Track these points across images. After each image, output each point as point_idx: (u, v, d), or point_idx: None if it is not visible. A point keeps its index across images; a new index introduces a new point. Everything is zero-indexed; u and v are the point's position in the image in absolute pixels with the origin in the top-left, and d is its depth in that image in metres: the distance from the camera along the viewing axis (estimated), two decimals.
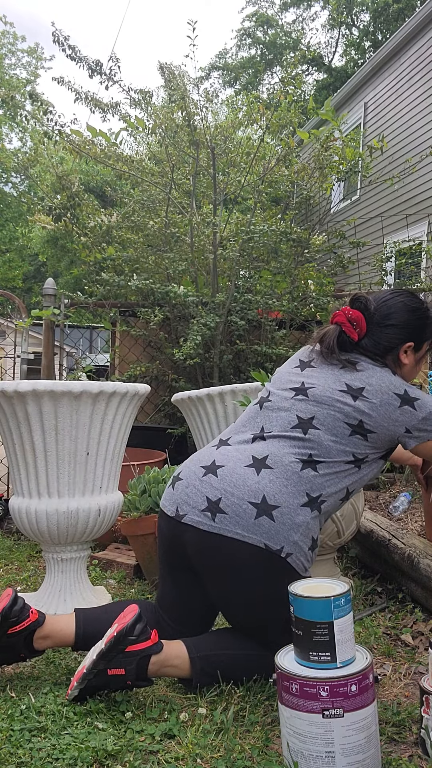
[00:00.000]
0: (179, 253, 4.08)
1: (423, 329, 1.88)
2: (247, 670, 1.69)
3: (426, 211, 9.27)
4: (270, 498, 1.62)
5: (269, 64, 23.26)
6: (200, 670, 1.65)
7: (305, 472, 1.67)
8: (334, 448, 1.70)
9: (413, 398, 1.77)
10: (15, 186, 21.93)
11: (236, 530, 1.61)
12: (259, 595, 1.64)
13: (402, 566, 2.28)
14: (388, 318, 1.85)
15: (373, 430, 1.73)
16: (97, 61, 4.08)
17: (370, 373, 1.78)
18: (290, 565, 1.62)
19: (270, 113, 4.08)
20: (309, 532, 1.66)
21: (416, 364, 1.91)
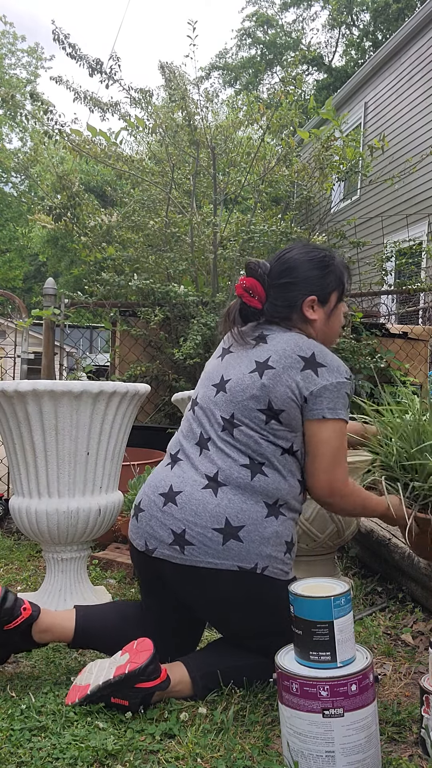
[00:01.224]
0: (179, 252, 4.08)
1: (323, 278, 1.72)
2: (255, 678, 1.67)
3: (426, 210, 9.27)
4: (233, 519, 1.58)
5: (269, 64, 23.26)
6: (203, 688, 1.64)
7: (256, 480, 1.60)
8: (263, 444, 1.61)
9: (320, 363, 1.61)
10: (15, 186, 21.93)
11: (207, 560, 1.58)
12: (248, 615, 1.63)
13: (402, 566, 2.28)
14: (282, 275, 1.71)
15: (281, 407, 1.60)
16: (97, 60, 4.08)
17: (277, 339, 1.66)
18: (269, 577, 1.60)
19: (270, 113, 4.08)
20: (280, 539, 1.62)
21: (329, 319, 1.74)
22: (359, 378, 4.10)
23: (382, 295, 6.06)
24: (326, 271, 1.72)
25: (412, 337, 4.62)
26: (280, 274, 1.71)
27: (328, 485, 1.62)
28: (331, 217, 5.19)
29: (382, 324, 5.01)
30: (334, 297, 1.73)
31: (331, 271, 1.72)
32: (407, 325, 5.06)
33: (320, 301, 1.71)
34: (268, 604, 1.62)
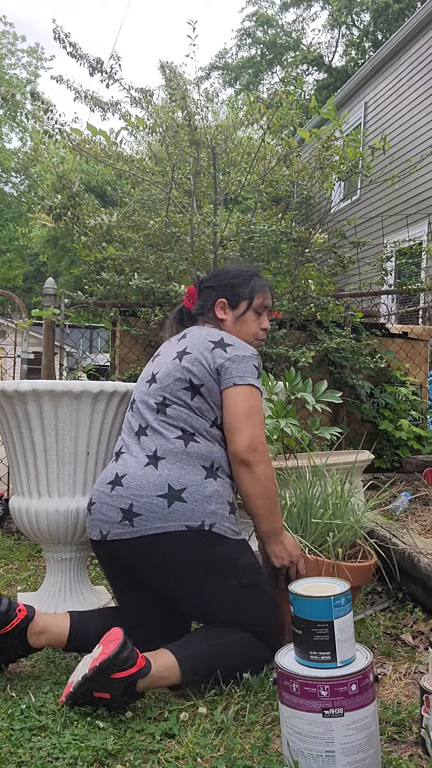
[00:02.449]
0: (180, 252, 4.08)
1: (235, 287, 2.01)
2: (241, 655, 1.68)
3: (426, 210, 9.26)
4: (175, 484, 1.71)
5: (269, 64, 23.26)
6: (189, 669, 1.63)
7: (190, 446, 1.77)
8: (192, 417, 1.80)
9: (227, 344, 1.85)
10: (15, 186, 21.92)
11: (155, 525, 1.68)
12: (206, 576, 1.69)
13: (402, 566, 2.28)
14: (208, 280, 2.06)
15: (200, 382, 1.81)
16: (97, 59, 4.08)
17: (193, 332, 1.94)
18: (218, 534, 1.70)
19: (271, 113, 4.08)
20: (222, 498, 1.75)
21: (237, 322, 2.00)
22: (359, 378, 4.10)
23: (382, 295, 6.06)
24: (242, 282, 2.02)
25: (412, 337, 4.62)
26: (208, 280, 2.06)
27: (250, 443, 1.74)
28: (331, 217, 5.19)
29: (382, 324, 5.01)
30: (243, 304, 2.01)
31: (247, 284, 2.02)
32: (407, 325, 5.06)
33: (230, 304, 2.00)
34: (221, 562, 1.70)
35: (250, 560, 1.76)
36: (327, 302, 4.09)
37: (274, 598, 1.78)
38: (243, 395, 1.79)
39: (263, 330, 2.03)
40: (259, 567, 1.78)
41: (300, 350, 3.74)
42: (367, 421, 4.27)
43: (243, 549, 1.76)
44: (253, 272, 2.05)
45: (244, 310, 2.00)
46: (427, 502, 3.14)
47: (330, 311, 4.07)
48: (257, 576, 1.75)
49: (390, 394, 4.22)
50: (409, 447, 4.09)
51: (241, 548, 1.76)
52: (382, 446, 4.13)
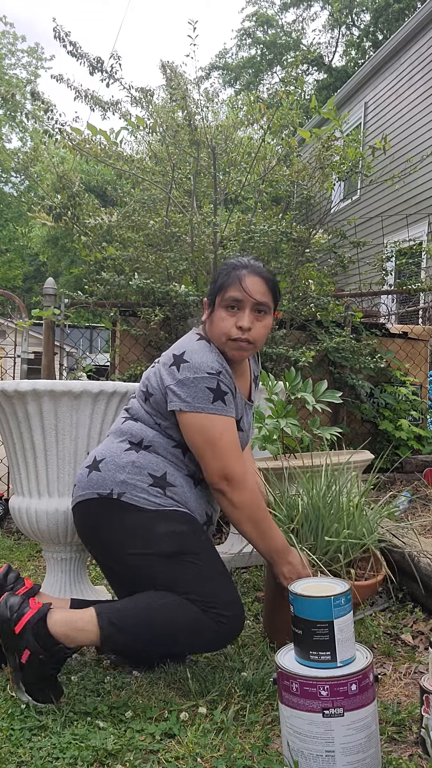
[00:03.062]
0: (180, 252, 4.07)
1: (214, 282, 1.86)
2: (165, 616, 1.63)
3: (426, 210, 9.26)
4: (98, 456, 1.80)
5: (269, 64, 23.25)
6: (108, 622, 1.61)
7: (126, 424, 1.83)
8: (141, 411, 1.82)
9: (184, 360, 1.73)
10: (15, 186, 21.92)
11: (78, 494, 1.79)
12: (125, 545, 1.70)
13: (402, 566, 2.28)
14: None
15: (151, 392, 1.79)
16: (98, 58, 4.07)
17: (180, 339, 1.87)
18: (127, 503, 1.71)
19: (271, 113, 4.07)
20: (140, 469, 1.74)
21: (208, 321, 1.83)
22: (359, 378, 4.10)
23: (382, 295, 6.06)
24: (216, 278, 1.85)
25: (412, 336, 4.62)
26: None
27: (219, 474, 1.68)
28: (331, 217, 5.18)
29: (382, 324, 5.01)
30: (215, 300, 1.82)
31: (218, 279, 1.83)
32: (407, 325, 5.06)
33: (208, 303, 1.85)
34: (133, 530, 1.69)
35: (170, 529, 1.69)
36: (327, 302, 4.09)
37: (207, 568, 1.69)
38: (193, 425, 1.69)
39: (239, 329, 1.76)
40: (183, 536, 1.69)
41: (300, 350, 3.74)
42: (367, 421, 4.27)
43: (159, 518, 1.70)
44: (236, 264, 1.82)
45: (213, 308, 1.82)
46: (427, 502, 3.14)
47: (330, 311, 4.07)
48: (179, 545, 1.68)
49: (390, 394, 4.22)
50: (409, 447, 4.09)
51: (158, 517, 1.70)
52: (382, 446, 4.13)
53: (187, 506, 1.76)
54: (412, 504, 3.08)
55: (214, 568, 1.71)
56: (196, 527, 1.75)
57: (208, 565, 1.70)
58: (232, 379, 1.78)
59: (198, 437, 1.70)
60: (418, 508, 3.03)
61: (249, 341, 1.76)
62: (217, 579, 1.69)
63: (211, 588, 1.66)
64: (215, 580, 1.68)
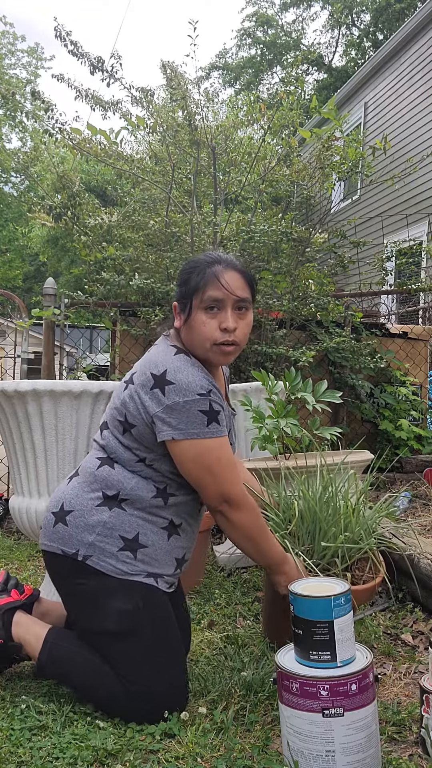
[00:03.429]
0: (180, 252, 4.08)
1: (182, 286, 1.65)
2: (85, 675, 1.60)
3: (426, 210, 9.26)
4: (66, 504, 1.64)
5: (269, 64, 23.25)
6: (47, 656, 1.65)
7: (101, 470, 1.63)
8: (120, 449, 1.63)
9: (168, 381, 1.54)
10: (15, 186, 21.91)
11: (44, 542, 1.66)
12: (74, 604, 1.65)
13: (402, 565, 2.28)
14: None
15: (133, 422, 1.59)
16: (98, 58, 4.07)
17: (149, 352, 1.67)
18: (93, 568, 1.59)
19: (272, 113, 4.08)
20: (111, 531, 1.59)
21: (187, 324, 1.63)
22: (359, 378, 4.09)
23: (382, 295, 6.06)
24: (186, 279, 1.64)
25: (412, 336, 4.62)
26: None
27: (220, 498, 1.57)
28: (331, 217, 5.19)
29: (382, 324, 5.01)
30: (189, 303, 1.61)
31: (189, 279, 1.63)
32: (407, 325, 5.06)
33: (180, 308, 1.65)
34: (88, 598, 1.60)
35: (124, 607, 1.57)
36: (327, 302, 4.10)
37: (151, 655, 1.57)
38: (189, 453, 1.55)
39: (224, 330, 1.59)
40: (134, 615, 1.57)
41: (300, 350, 3.74)
42: (367, 421, 4.27)
43: (117, 591, 1.58)
44: (208, 260, 1.63)
45: (190, 311, 1.61)
46: (427, 502, 3.14)
47: (330, 311, 4.07)
48: (126, 624, 1.56)
49: (390, 394, 4.22)
50: (409, 447, 4.09)
51: (118, 590, 1.58)
52: (382, 446, 4.13)
53: (156, 564, 1.63)
54: (412, 504, 3.08)
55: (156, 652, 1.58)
56: (153, 601, 1.61)
57: (150, 649, 1.58)
58: (221, 394, 1.62)
59: (194, 465, 1.56)
60: (418, 508, 3.03)
61: (235, 343, 1.61)
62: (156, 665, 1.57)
63: (147, 673, 1.56)
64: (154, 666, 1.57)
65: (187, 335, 1.63)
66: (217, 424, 1.56)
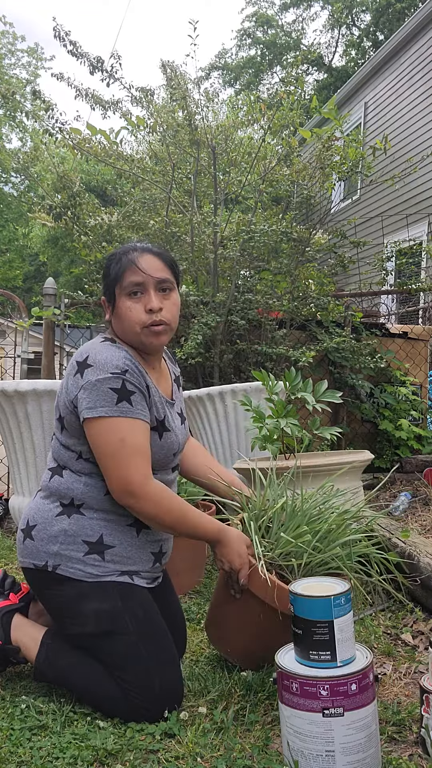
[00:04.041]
0: (180, 252, 4.08)
1: (105, 278, 1.69)
2: (81, 676, 1.61)
3: (426, 210, 9.26)
4: (31, 519, 1.67)
5: (269, 64, 23.26)
6: (44, 658, 1.66)
7: (52, 481, 1.66)
8: (62, 450, 1.65)
9: (89, 364, 1.57)
10: (15, 186, 21.92)
11: (19, 559, 1.71)
12: (60, 617, 1.65)
13: (402, 565, 2.28)
14: None
15: (62, 413, 1.62)
16: (98, 58, 4.08)
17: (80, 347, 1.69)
18: (64, 576, 1.60)
19: (272, 113, 4.08)
20: (74, 538, 1.60)
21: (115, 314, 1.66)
22: (359, 378, 4.09)
23: (382, 295, 6.06)
24: (106, 272, 1.68)
25: (412, 336, 4.62)
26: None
27: (119, 486, 1.55)
28: (331, 217, 5.19)
29: (382, 324, 5.01)
30: (113, 293, 1.65)
31: (108, 271, 1.67)
32: (407, 325, 5.06)
33: (108, 300, 1.68)
34: (65, 604, 1.62)
35: (100, 607, 1.57)
36: (327, 302, 4.09)
37: (138, 651, 1.56)
38: (96, 432, 1.55)
39: (150, 311, 1.61)
40: (113, 614, 1.57)
41: (300, 350, 3.74)
42: (367, 420, 4.27)
43: (93, 593, 1.58)
44: (123, 250, 1.67)
45: (115, 301, 1.64)
46: (427, 502, 3.14)
47: (330, 311, 4.07)
48: (107, 623, 1.57)
49: (390, 393, 4.22)
50: (409, 447, 4.09)
51: (92, 593, 1.58)
52: (382, 446, 4.13)
53: (128, 561, 1.63)
54: (412, 504, 3.08)
55: (143, 648, 1.57)
56: (133, 599, 1.60)
57: (136, 645, 1.57)
58: (144, 377, 1.61)
59: (97, 446, 1.55)
60: (418, 508, 3.02)
61: (164, 322, 1.63)
62: (144, 660, 1.56)
63: (136, 670, 1.56)
64: (142, 661, 1.56)
65: (118, 325, 1.66)
66: (129, 404, 1.55)
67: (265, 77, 23.66)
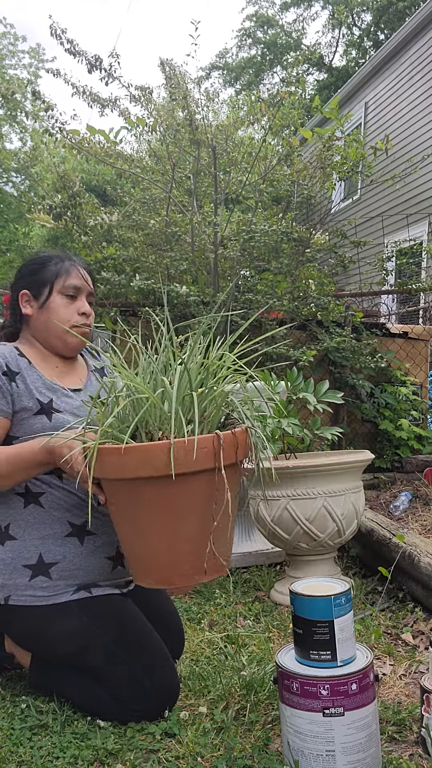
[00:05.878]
0: (180, 252, 4.08)
1: (34, 273, 1.72)
2: (74, 685, 1.60)
3: (426, 210, 9.26)
4: None
5: (270, 64, 23.25)
6: (36, 669, 1.66)
7: None
8: None
9: None
10: (15, 186, 21.91)
11: None
12: (29, 640, 1.63)
13: (402, 565, 2.28)
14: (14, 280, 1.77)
15: None
16: (96, 56, 4.08)
17: None
18: (17, 605, 1.57)
19: (273, 112, 4.08)
20: (13, 564, 1.57)
21: (41, 310, 1.70)
22: (359, 377, 4.09)
23: (383, 294, 6.06)
24: (41, 267, 1.73)
25: (412, 336, 4.62)
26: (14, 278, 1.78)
27: None
28: (331, 217, 5.19)
29: (383, 324, 5.00)
30: (45, 290, 1.71)
31: (46, 266, 1.73)
32: (407, 325, 5.06)
33: (33, 295, 1.72)
34: (28, 635, 1.60)
35: (64, 628, 1.54)
36: (327, 302, 4.09)
37: (119, 660, 1.54)
38: None
39: (83, 314, 1.72)
40: (80, 632, 1.54)
41: (300, 350, 3.74)
42: (368, 420, 4.27)
43: (53, 617, 1.55)
44: (56, 255, 1.76)
45: (47, 296, 1.70)
46: (428, 502, 3.14)
47: (330, 311, 4.07)
48: (77, 643, 1.55)
49: (390, 393, 4.21)
50: (409, 447, 4.09)
51: (52, 615, 1.55)
52: (382, 446, 4.13)
53: (80, 573, 1.59)
54: (413, 504, 3.08)
55: (123, 654, 1.55)
56: (98, 610, 1.57)
57: (115, 653, 1.55)
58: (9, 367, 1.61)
59: None
60: (418, 507, 3.02)
61: (89, 326, 1.74)
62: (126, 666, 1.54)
63: (120, 675, 1.54)
64: (124, 666, 1.54)
65: (41, 319, 1.70)
66: None
67: (266, 77, 23.65)
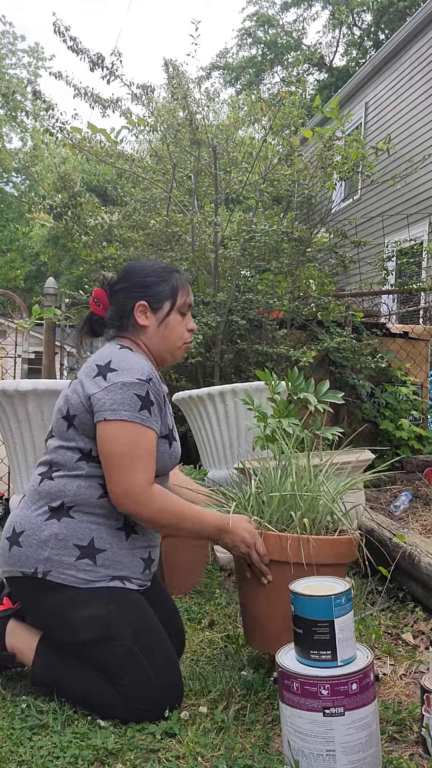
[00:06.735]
0: (180, 252, 4.08)
1: (155, 286, 1.73)
2: (78, 682, 1.60)
3: (427, 210, 9.26)
4: (17, 526, 1.63)
5: (270, 64, 23.25)
6: (40, 665, 1.65)
7: (42, 485, 1.64)
8: (60, 451, 1.64)
9: (112, 369, 1.59)
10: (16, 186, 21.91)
11: (4, 569, 1.65)
12: (48, 623, 1.64)
13: (403, 565, 2.28)
14: (119, 282, 1.76)
15: (74, 412, 1.61)
16: (98, 54, 4.08)
17: (96, 352, 1.70)
18: (55, 582, 1.57)
19: (273, 112, 4.08)
20: (65, 542, 1.58)
21: (160, 327, 1.73)
22: (360, 377, 4.09)
23: (383, 294, 6.06)
24: (161, 280, 1.73)
25: (412, 336, 4.62)
26: (118, 281, 1.77)
27: (121, 490, 1.55)
28: (332, 217, 5.19)
29: (383, 324, 5.00)
30: (167, 305, 1.73)
31: (167, 281, 1.74)
32: (408, 325, 5.06)
33: (151, 307, 1.72)
34: (55, 613, 1.60)
35: (93, 613, 1.55)
36: (328, 302, 4.09)
37: (135, 655, 1.55)
38: (111, 433, 1.55)
39: (190, 331, 1.78)
40: (106, 620, 1.55)
41: (301, 350, 3.74)
42: (368, 420, 4.27)
43: (85, 600, 1.56)
44: (172, 269, 1.80)
45: (168, 312, 1.73)
46: (428, 501, 3.14)
47: (331, 311, 4.07)
48: (100, 631, 1.55)
49: (391, 393, 4.22)
50: (409, 447, 4.09)
51: (84, 599, 1.56)
52: (382, 446, 4.13)
53: (119, 566, 1.61)
54: (413, 504, 3.09)
55: (139, 651, 1.55)
56: (126, 602, 1.59)
57: (132, 649, 1.55)
58: (162, 389, 1.66)
59: (113, 450, 1.55)
60: (418, 507, 3.02)
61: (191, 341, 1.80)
62: (142, 664, 1.54)
63: (134, 674, 1.54)
64: (139, 665, 1.54)
65: (160, 333, 1.73)
66: (148, 413, 1.58)
67: (266, 77, 23.65)
